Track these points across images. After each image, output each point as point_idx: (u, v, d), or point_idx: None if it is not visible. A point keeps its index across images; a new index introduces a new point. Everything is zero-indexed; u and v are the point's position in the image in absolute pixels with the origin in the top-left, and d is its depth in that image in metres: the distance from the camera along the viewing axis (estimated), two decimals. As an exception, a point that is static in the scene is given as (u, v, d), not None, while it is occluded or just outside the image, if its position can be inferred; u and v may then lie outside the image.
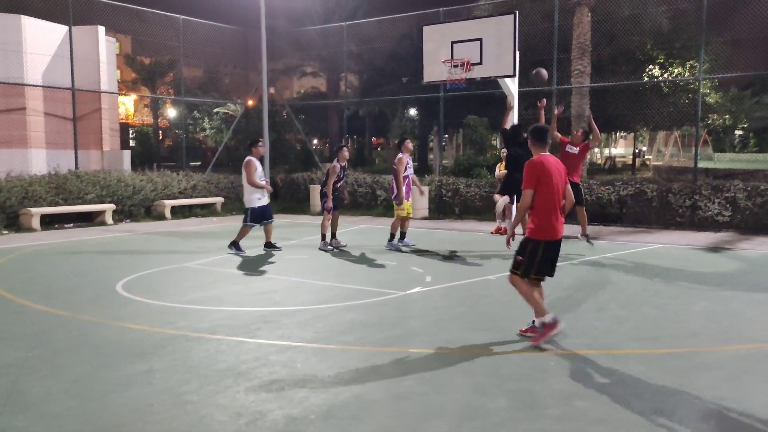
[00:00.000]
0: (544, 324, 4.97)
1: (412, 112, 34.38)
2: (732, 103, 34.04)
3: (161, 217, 15.33)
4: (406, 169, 9.98)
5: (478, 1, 19.05)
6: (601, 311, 6.15)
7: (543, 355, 4.80)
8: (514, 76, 10.87)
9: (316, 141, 32.94)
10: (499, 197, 10.95)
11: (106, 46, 18.73)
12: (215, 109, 30.56)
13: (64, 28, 16.24)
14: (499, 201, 11.17)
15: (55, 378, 4.32)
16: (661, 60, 22.97)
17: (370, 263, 9.04)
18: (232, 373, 4.41)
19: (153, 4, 17.68)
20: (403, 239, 10.48)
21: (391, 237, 10.23)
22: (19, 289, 7.24)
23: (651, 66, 23.23)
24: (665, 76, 23.32)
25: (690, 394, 4.00)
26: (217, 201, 16.99)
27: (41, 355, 4.81)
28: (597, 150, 51.83)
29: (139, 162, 24.19)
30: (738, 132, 45.95)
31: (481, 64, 11.01)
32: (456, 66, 11.11)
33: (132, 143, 38.99)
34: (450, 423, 3.58)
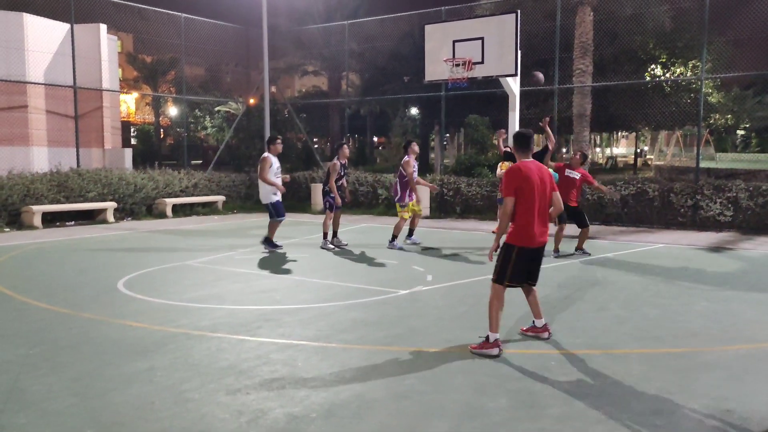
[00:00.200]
0: (487, 339, 4.76)
1: (414, 111, 34.34)
2: (734, 102, 33.99)
3: (162, 215, 15.34)
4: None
5: (480, 0, 19.02)
6: (602, 311, 6.14)
7: (543, 354, 4.80)
8: (515, 75, 10.85)
9: (315, 139, 32.93)
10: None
11: (108, 44, 18.73)
12: (217, 108, 30.57)
13: (66, 26, 16.25)
14: None
15: (56, 375, 4.33)
16: (664, 59, 22.94)
17: (371, 262, 9.04)
18: (234, 371, 4.41)
19: (155, 2, 17.70)
20: (411, 236, 10.56)
21: (393, 238, 10.26)
22: (20, 286, 7.25)
23: (653, 65, 23.20)
24: (667, 75, 23.30)
25: (691, 393, 4.00)
26: (219, 199, 17.00)
27: (42, 353, 4.82)
28: (599, 150, 51.84)
29: (141, 160, 24.18)
30: (740, 132, 45.91)
31: (482, 63, 10.99)
32: (458, 65, 11.09)
33: (133, 141, 39.00)
34: (450, 422, 3.58)
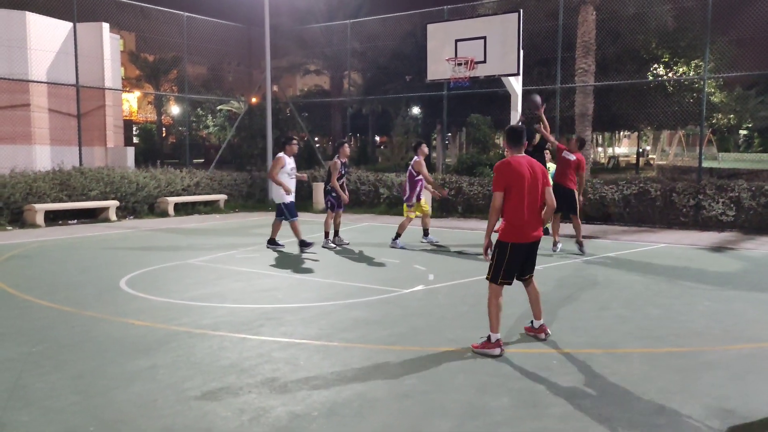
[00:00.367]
0: (489, 339, 4.76)
1: (416, 111, 34.33)
2: (737, 102, 33.93)
3: (164, 214, 15.36)
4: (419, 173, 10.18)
5: (482, 0, 19.01)
6: (604, 310, 6.14)
7: (545, 354, 4.79)
8: (518, 74, 10.85)
9: (317, 138, 32.95)
10: None
11: (111, 42, 18.74)
12: (219, 107, 30.60)
13: (69, 25, 16.26)
14: None
15: (59, 373, 4.33)
16: (666, 59, 22.90)
17: (372, 261, 9.04)
18: (235, 369, 4.42)
19: (157, 1, 17.72)
20: (426, 236, 10.68)
21: (396, 236, 10.27)
22: (22, 284, 7.26)
23: (655, 65, 23.16)
24: (670, 75, 23.25)
25: (692, 393, 4.00)
26: (220, 198, 17.01)
27: (45, 351, 4.83)
28: (601, 149, 51.77)
29: (143, 159, 24.23)
30: (742, 131, 45.86)
31: (485, 62, 10.99)
32: (460, 64, 11.09)
33: (136, 140, 39.02)
34: (452, 421, 3.58)
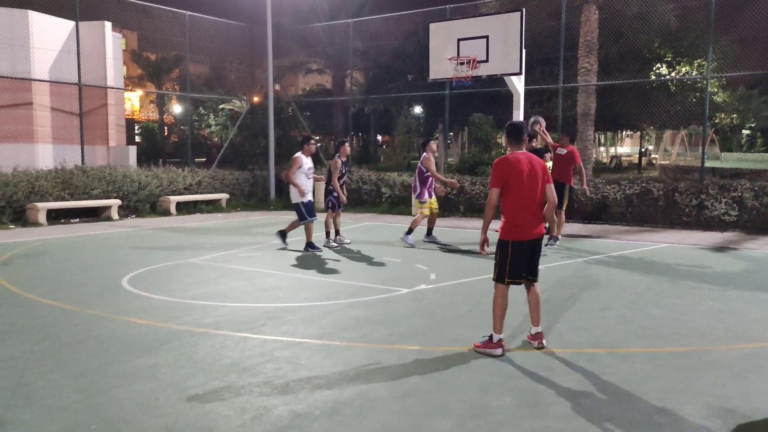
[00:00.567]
0: (491, 339, 4.75)
1: (418, 110, 34.33)
2: (739, 102, 33.82)
3: (166, 212, 15.37)
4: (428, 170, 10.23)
5: (484, -1, 18.98)
6: (606, 310, 6.13)
7: (547, 353, 4.79)
8: (520, 74, 10.82)
9: (318, 137, 32.95)
10: None
11: (113, 41, 18.75)
12: (221, 106, 30.59)
13: (71, 24, 16.28)
14: None
15: (61, 372, 4.34)
16: (669, 58, 22.85)
17: (374, 260, 9.04)
18: (237, 368, 4.42)
19: (159, 0, 17.72)
20: (429, 235, 10.63)
21: (408, 231, 10.30)
22: (25, 283, 7.28)
23: (658, 64, 23.11)
24: (673, 74, 23.20)
25: (694, 392, 3.99)
26: (222, 197, 17.02)
27: (47, 349, 4.84)
28: (603, 149, 51.71)
29: (145, 158, 24.23)
30: (745, 131, 45.74)
31: (487, 61, 10.96)
32: (462, 63, 11.06)
33: (138, 139, 39.11)
34: (454, 421, 3.58)
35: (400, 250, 9.91)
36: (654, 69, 22.97)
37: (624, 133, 45.22)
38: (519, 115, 11.06)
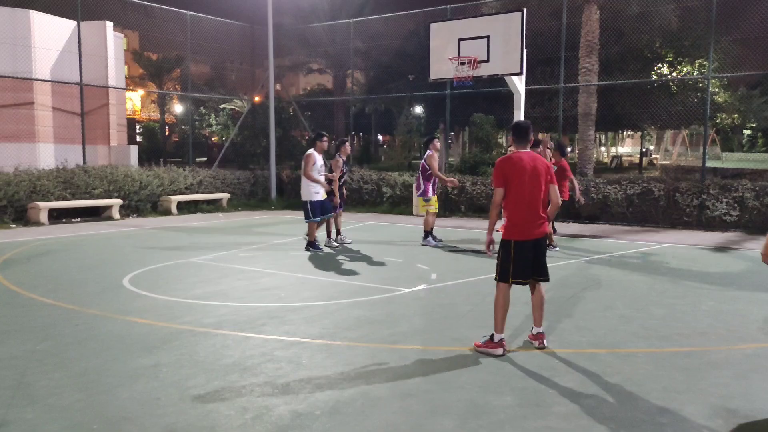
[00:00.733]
0: (492, 338, 4.74)
1: (418, 110, 34.33)
2: (740, 102, 33.81)
3: (167, 212, 15.38)
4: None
5: (485, -1, 18.97)
6: (608, 310, 6.13)
7: (549, 353, 4.79)
8: (521, 74, 10.82)
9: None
10: None
11: (114, 41, 18.76)
12: (222, 105, 30.59)
13: (73, 23, 16.29)
14: None
15: (63, 371, 4.34)
16: (670, 58, 22.86)
17: (375, 260, 9.04)
18: (238, 368, 4.42)
19: (161, 0, 17.73)
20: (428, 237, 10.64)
21: (426, 234, 10.32)
22: (26, 282, 7.28)
23: (659, 64, 23.12)
24: (674, 74, 23.20)
25: (696, 392, 3.99)
26: (223, 197, 17.03)
27: (48, 349, 4.84)
28: (604, 149, 51.68)
29: (146, 157, 24.21)
30: (746, 131, 45.71)
31: (488, 61, 10.96)
32: (463, 63, 11.06)
33: (139, 139, 39.11)
34: (456, 420, 3.58)
35: (402, 249, 9.91)
36: (655, 69, 22.98)
37: (625, 133, 45.24)
38: (520, 115, 11.06)
